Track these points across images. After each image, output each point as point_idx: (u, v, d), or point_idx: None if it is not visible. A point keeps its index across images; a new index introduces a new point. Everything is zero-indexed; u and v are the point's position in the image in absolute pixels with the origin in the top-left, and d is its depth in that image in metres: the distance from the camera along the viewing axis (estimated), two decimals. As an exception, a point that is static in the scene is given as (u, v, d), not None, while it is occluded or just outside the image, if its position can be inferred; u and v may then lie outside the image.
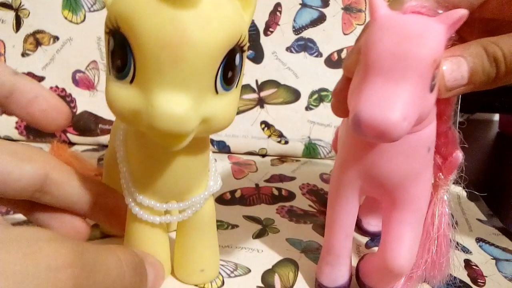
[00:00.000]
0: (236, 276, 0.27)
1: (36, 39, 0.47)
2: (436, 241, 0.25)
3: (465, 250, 0.33)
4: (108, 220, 0.25)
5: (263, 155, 0.49)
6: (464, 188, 0.25)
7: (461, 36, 0.21)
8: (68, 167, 0.23)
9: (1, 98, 0.22)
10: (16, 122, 0.47)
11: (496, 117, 0.75)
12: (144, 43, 0.17)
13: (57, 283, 0.15)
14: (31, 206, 0.23)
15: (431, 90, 0.19)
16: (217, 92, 0.19)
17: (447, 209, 0.25)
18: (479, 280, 0.29)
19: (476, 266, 0.31)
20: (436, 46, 0.18)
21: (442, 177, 0.24)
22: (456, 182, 0.24)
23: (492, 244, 0.34)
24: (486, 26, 0.24)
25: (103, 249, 0.19)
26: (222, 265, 0.28)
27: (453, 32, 0.20)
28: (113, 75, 0.18)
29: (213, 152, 0.49)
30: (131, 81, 0.18)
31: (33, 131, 0.47)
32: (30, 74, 0.47)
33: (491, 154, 0.64)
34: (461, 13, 0.19)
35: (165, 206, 0.23)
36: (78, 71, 0.47)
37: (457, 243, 0.26)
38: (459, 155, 0.24)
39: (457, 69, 0.20)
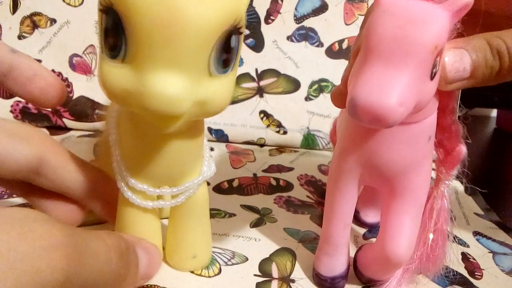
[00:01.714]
0: (233, 264, 0.27)
1: (33, 22, 0.46)
2: (432, 235, 0.25)
3: (462, 243, 0.33)
4: (103, 208, 0.25)
5: (261, 145, 0.49)
6: (464, 183, 0.24)
7: (464, 30, 0.20)
8: (66, 150, 0.23)
9: None
10: (12, 106, 0.46)
11: (494, 113, 0.75)
12: (136, 20, 0.16)
13: (51, 262, 0.15)
14: (28, 188, 0.23)
15: (432, 77, 0.19)
16: (210, 74, 0.18)
17: (447, 204, 0.24)
18: (476, 273, 0.29)
19: (473, 259, 0.31)
20: (439, 32, 0.18)
21: (444, 171, 0.24)
22: (456, 177, 0.24)
23: (489, 238, 0.34)
24: (485, 20, 0.24)
25: (91, 234, 0.19)
26: (219, 253, 0.28)
27: (457, 20, 0.19)
28: (105, 54, 0.18)
29: (211, 140, 0.48)
30: (123, 60, 0.18)
31: (29, 115, 0.46)
32: (26, 57, 0.46)
33: (489, 150, 0.64)
34: (466, 1, 0.18)
35: (157, 191, 0.23)
36: (75, 55, 0.47)
37: (454, 236, 0.26)
38: (462, 149, 0.23)
39: (459, 60, 0.20)
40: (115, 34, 0.17)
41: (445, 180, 0.24)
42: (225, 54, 0.19)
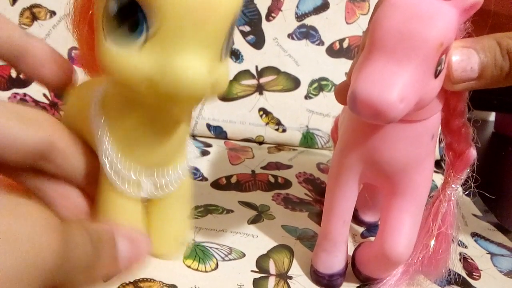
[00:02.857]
0: (230, 260, 0.27)
1: (32, 13, 0.46)
2: (435, 239, 0.24)
3: (461, 244, 0.33)
4: None
5: (260, 143, 0.49)
6: (472, 187, 0.24)
7: (473, 31, 0.20)
8: (75, 137, 0.23)
9: (12, 58, 0.21)
10: (9, 98, 0.45)
11: (492, 117, 0.75)
12: (166, 6, 0.16)
13: (48, 244, 0.15)
14: (35, 174, 0.22)
15: (436, 75, 0.19)
16: (221, 58, 0.19)
17: (453, 208, 0.24)
18: (474, 274, 0.29)
19: (472, 259, 0.31)
20: (445, 29, 0.18)
21: (453, 174, 0.24)
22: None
23: (487, 239, 0.34)
24: (494, 22, 0.24)
25: (70, 222, 0.18)
26: (216, 248, 0.28)
27: (467, 19, 0.19)
28: (112, 40, 0.18)
29: (210, 137, 0.48)
30: (142, 46, 0.17)
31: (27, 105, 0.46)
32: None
33: (487, 153, 0.64)
34: None
35: (151, 182, 0.23)
36: (75, 48, 0.46)
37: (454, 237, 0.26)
38: (472, 152, 0.23)
39: (467, 59, 0.19)
40: (131, 20, 0.17)
41: (452, 184, 0.24)
42: (231, 38, 0.19)
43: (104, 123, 0.22)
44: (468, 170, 0.23)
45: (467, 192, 0.24)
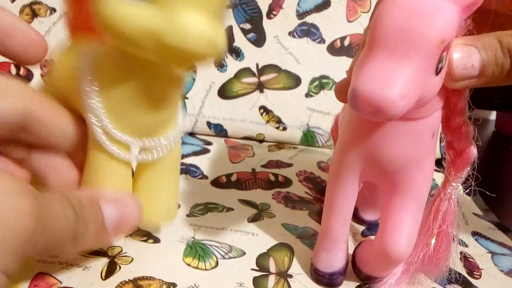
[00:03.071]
0: (230, 258, 0.27)
1: (32, 10, 0.46)
2: (436, 237, 0.24)
3: (461, 243, 0.32)
4: None
5: (261, 141, 0.49)
6: (473, 186, 0.24)
7: (474, 29, 0.20)
8: (54, 104, 0.22)
9: None
10: None
11: (493, 116, 0.75)
12: None
13: (18, 209, 0.15)
14: (21, 147, 0.22)
15: (437, 73, 0.19)
16: (220, 20, 0.19)
17: (453, 207, 0.24)
18: (475, 273, 0.29)
19: (472, 259, 0.30)
20: (446, 26, 0.18)
21: (453, 173, 0.23)
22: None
23: (488, 238, 0.34)
24: (494, 21, 0.24)
25: (47, 193, 0.18)
26: (216, 246, 0.28)
27: (467, 16, 0.19)
28: None
29: (210, 135, 0.48)
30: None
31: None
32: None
33: (488, 152, 0.64)
34: None
35: (141, 143, 0.23)
36: (75, 45, 0.46)
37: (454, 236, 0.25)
38: (472, 151, 0.23)
39: (468, 57, 0.19)
40: None
41: (453, 182, 0.24)
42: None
43: (94, 87, 0.22)
44: (469, 168, 0.23)
45: (467, 191, 0.24)
